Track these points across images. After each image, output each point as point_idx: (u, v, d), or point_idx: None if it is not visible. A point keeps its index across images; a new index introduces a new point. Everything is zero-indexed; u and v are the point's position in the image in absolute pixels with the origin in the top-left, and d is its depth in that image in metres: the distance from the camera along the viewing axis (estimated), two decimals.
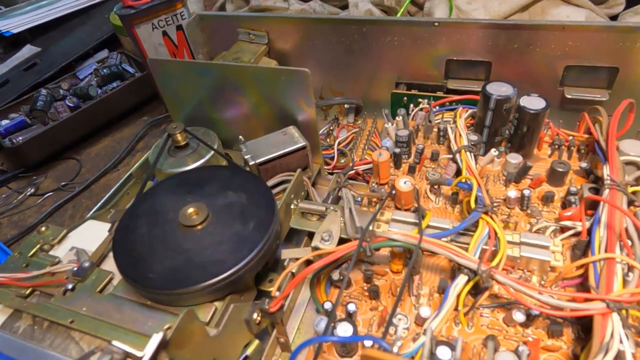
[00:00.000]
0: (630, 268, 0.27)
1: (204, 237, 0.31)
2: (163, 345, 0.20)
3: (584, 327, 0.27)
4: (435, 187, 0.38)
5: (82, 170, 0.59)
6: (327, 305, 0.29)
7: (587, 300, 0.24)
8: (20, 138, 0.56)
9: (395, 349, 0.23)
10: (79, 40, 0.72)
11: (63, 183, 0.56)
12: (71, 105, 0.60)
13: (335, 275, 0.32)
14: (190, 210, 0.32)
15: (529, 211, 0.35)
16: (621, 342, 0.23)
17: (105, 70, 0.63)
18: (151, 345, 0.19)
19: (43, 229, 0.36)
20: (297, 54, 0.53)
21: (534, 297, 0.25)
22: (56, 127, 0.57)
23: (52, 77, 0.66)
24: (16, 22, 0.74)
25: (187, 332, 0.22)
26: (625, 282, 0.26)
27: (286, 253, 0.35)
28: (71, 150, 0.61)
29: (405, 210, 0.36)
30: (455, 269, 0.30)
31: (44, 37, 0.74)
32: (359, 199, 0.39)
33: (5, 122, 0.58)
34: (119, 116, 0.64)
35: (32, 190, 0.56)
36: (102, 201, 0.42)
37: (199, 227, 0.32)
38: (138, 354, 0.19)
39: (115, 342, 0.19)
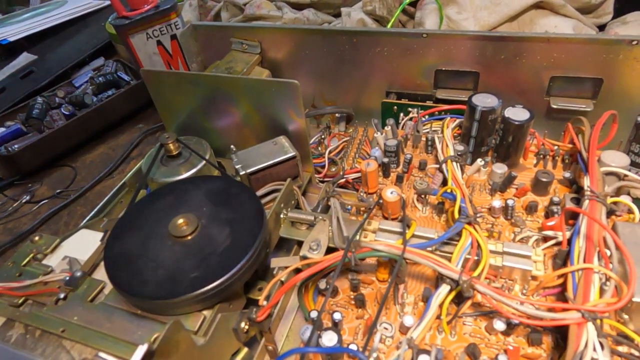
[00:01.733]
0: (608, 278, 0.27)
1: (193, 247, 0.31)
2: (149, 356, 0.20)
3: (562, 335, 0.28)
4: (422, 196, 0.38)
5: (78, 178, 0.59)
6: (313, 314, 0.30)
7: (564, 310, 0.25)
8: (15, 146, 0.57)
9: None
10: (75, 48, 0.73)
11: (58, 190, 0.57)
12: (67, 113, 0.60)
13: (322, 284, 0.32)
14: (180, 221, 0.32)
15: (513, 220, 0.36)
16: (595, 350, 0.24)
17: (100, 79, 0.64)
18: (136, 356, 0.19)
19: (37, 238, 0.37)
20: (290, 64, 0.54)
21: (513, 306, 0.26)
22: (52, 135, 0.58)
23: (48, 85, 0.67)
24: (13, 30, 0.74)
25: (173, 342, 0.23)
26: (602, 292, 0.27)
27: (275, 262, 0.36)
28: (67, 157, 0.62)
29: (393, 219, 0.37)
30: (439, 278, 0.30)
31: (41, 44, 0.75)
32: (349, 207, 0.40)
33: (1, 130, 0.59)
34: (114, 124, 0.65)
35: (28, 197, 0.56)
36: (95, 210, 0.43)
37: (189, 237, 0.32)
38: (126, 358, 0.19)
39: (101, 354, 0.20)
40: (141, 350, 0.20)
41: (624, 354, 0.26)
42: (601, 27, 0.61)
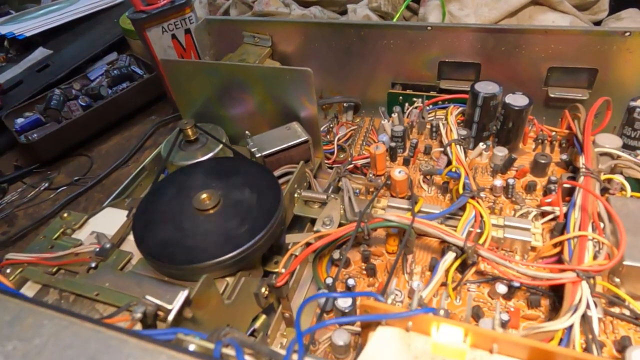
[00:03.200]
0: (601, 245, 0.30)
1: (216, 219, 0.34)
2: (187, 303, 0.23)
3: (559, 298, 0.30)
4: (428, 177, 0.41)
5: (94, 167, 0.62)
6: (329, 280, 0.32)
7: (560, 270, 0.27)
8: (35, 135, 0.59)
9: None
10: (89, 43, 0.75)
11: (76, 178, 0.59)
12: (83, 104, 0.63)
13: (336, 255, 0.35)
14: (204, 195, 0.35)
15: (513, 199, 0.38)
16: (589, 307, 0.26)
17: (115, 72, 0.66)
18: (179, 299, 0.22)
19: (65, 214, 0.39)
20: (299, 56, 0.56)
21: (514, 268, 0.28)
22: (69, 125, 0.60)
23: (64, 78, 0.69)
24: (29, 26, 0.77)
25: (205, 295, 0.25)
26: (595, 257, 0.29)
27: (290, 237, 0.38)
28: (83, 147, 0.64)
29: (400, 198, 0.39)
30: (445, 249, 0.33)
31: (55, 40, 0.77)
32: (357, 191, 0.42)
33: (20, 120, 0.61)
34: (128, 115, 0.67)
35: (46, 184, 0.59)
36: (117, 192, 0.45)
37: (211, 210, 0.35)
38: (168, 306, 0.22)
39: (148, 297, 0.22)
40: (183, 294, 0.22)
41: (616, 314, 0.29)
42: (597, 24, 0.63)
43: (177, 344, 0.18)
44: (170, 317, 0.21)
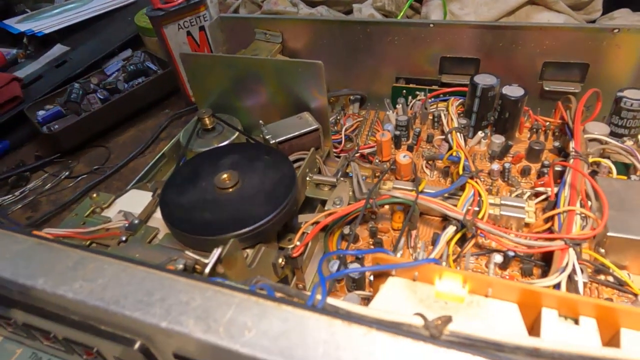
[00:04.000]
0: (588, 219, 0.33)
1: (236, 197, 0.37)
2: (219, 260, 0.26)
3: (550, 267, 0.33)
4: (430, 162, 0.44)
5: (111, 157, 0.65)
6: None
7: (550, 239, 0.31)
8: (56, 126, 0.62)
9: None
10: (104, 41, 0.78)
11: (95, 167, 0.62)
12: (102, 97, 0.66)
13: (346, 230, 0.38)
14: (225, 176, 0.38)
15: (509, 182, 0.41)
16: (575, 272, 0.29)
17: (131, 67, 0.69)
18: (214, 255, 0.25)
19: (94, 195, 0.42)
20: (308, 52, 0.59)
21: (508, 238, 0.31)
22: (89, 117, 0.63)
23: (81, 73, 0.72)
24: (47, 24, 0.80)
25: (233, 257, 0.28)
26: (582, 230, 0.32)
27: (302, 217, 0.41)
28: (101, 138, 0.67)
29: (405, 181, 0.42)
30: (446, 225, 0.36)
31: (72, 37, 0.81)
32: (364, 177, 0.45)
33: (42, 112, 0.64)
34: (143, 108, 0.70)
35: (67, 173, 0.62)
36: (138, 177, 0.48)
37: (231, 189, 0.38)
38: (205, 260, 0.25)
39: (187, 252, 0.25)
40: (217, 251, 0.25)
41: (601, 280, 0.32)
42: (591, 23, 0.66)
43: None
44: (207, 270, 0.24)
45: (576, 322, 0.21)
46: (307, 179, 0.43)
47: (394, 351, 0.16)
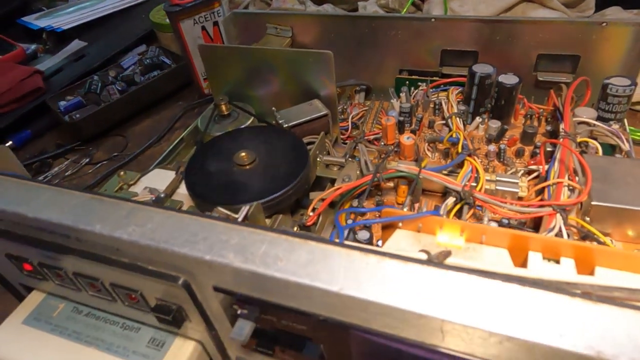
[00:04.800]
0: (574, 191, 0.36)
1: (254, 173, 0.40)
2: (246, 217, 0.29)
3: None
4: (432, 144, 0.47)
5: (129, 145, 0.68)
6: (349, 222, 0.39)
7: (540, 206, 0.34)
8: (78, 115, 0.66)
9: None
10: (120, 36, 0.82)
11: (114, 154, 0.66)
12: (120, 89, 0.69)
13: (355, 203, 0.41)
14: (243, 154, 0.41)
15: (504, 162, 0.45)
16: (561, 235, 0.33)
17: (147, 61, 0.73)
18: (243, 211, 0.28)
19: (122, 173, 0.45)
20: (316, 46, 0.63)
21: (502, 206, 0.35)
22: (108, 107, 0.67)
23: (99, 67, 0.76)
24: (65, 20, 0.84)
25: (256, 218, 0.32)
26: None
27: (313, 195, 0.44)
28: (118, 128, 0.71)
29: (408, 161, 0.45)
30: (446, 194, 0.39)
31: (89, 33, 0.84)
32: (370, 159, 0.48)
33: (63, 102, 0.68)
34: (158, 100, 0.74)
35: (88, 159, 0.65)
36: (160, 158, 0.52)
37: (248, 166, 0.41)
38: (235, 215, 0.28)
39: (219, 207, 0.28)
40: (245, 208, 0.29)
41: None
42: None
43: None
44: (239, 220, 0.28)
45: (557, 262, 0.24)
46: (318, 159, 0.47)
47: (403, 273, 0.20)
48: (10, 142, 0.68)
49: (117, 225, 0.24)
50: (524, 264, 0.24)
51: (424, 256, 0.22)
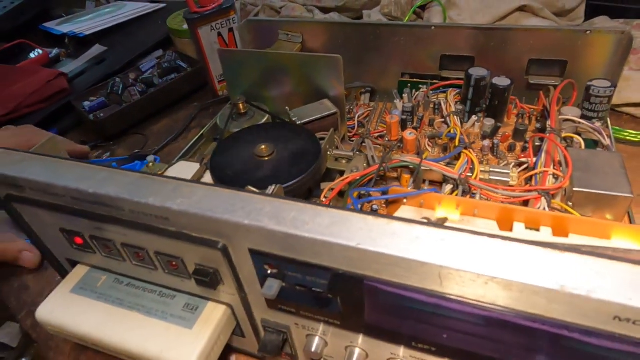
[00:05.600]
0: (558, 178, 0.41)
1: (273, 163, 0.45)
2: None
3: None
4: (432, 141, 0.52)
5: (148, 143, 0.73)
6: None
7: (528, 190, 0.39)
8: (102, 114, 0.70)
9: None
10: (138, 41, 0.87)
11: (135, 151, 0.70)
12: (140, 90, 0.74)
13: (363, 192, 0.46)
14: (263, 146, 0.46)
15: (497, 156, 0.49)
16: None
17: (165, 65, 0.78)
18: (269, 190, 0.33)
19: (150, 164, 0.50)
20: (325, 51, 0.67)
21: (494, 191, 0.39)
22: (130, 107, 0.71)
23: (119, 70, 0.81)
24: (86, 26, 0.89)
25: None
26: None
27: (324, 185, 0.49)
28: (138, 127, 0.75)
29: (411, 154, 0.50)
30: (444, 182, 0.44)
31: (108, 39, 0.89)
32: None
33: (87, 103, 0.73)
34: (175, 101, 0.78)
35: (109, 155, 0.70)
36: (181, 153, 0.56)
37: (267, 158, 0.46)
38: (264, 191, 0.33)
39: (249, 187, 0.33)
40: (272, 187, 0.33)
41: None
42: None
43: None
44: None
45: (538, 230, 0.28)
46: (328, 153, 0.51)
47: (408, 231, 0.24)
48: None
49: (167, 198, 0.29)
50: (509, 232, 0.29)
51: (425, 221, 0.26)
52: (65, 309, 0.37)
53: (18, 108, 0.71)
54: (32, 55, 0.89)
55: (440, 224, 0.26)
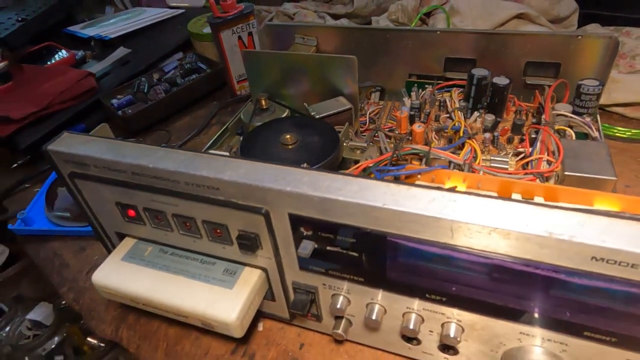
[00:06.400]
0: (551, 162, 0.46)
1: (296, 151, 0.50)
2: None
3: None
4: (438, 134, 0.57)
5: (172, 138, 0.78)
6: None
7: (525, 173, 0.44)
8: (129, 111, 0.76)
9: None
10: (160, 44, 0.93)
11: (162, 144, 0.75)
12: (164, 89, 0.80)
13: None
14: (288, 136, 0.51)
15: (497, 147, 0.54)
16: None
17: (187, 66, 0.83)
18: (302, 166, 0.38)
19: None
20: (337, 53, 0.72)
21: (494, 174, 0.44)
22: (155, 104, 0.77)
23: (143, 70, 0.86)
24: (111, 30, 0.95)
25: None
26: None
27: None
28: (162, 123, 0.81)
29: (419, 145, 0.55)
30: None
31: (132, 41, 0.95)
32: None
33: (114, 100, 0.78)
34: (196, 100, 0.84)
35: None
36: (208, 144, 0.62)
37: (290, 147, 0.51)
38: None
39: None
40: (305, 164, 0.38)
41: None
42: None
43: None
44: None
45: (532, 199, 0.33)
46: (344, 144, 0.57)
47: (425, 193, 0.29)
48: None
49: (218, 171, 0.34)
50: None
51: (438, 187, 0.31)
52: (118, 274, 0.42)
53: (51, 105, 0.77)
54: (57, 57, 0.95)
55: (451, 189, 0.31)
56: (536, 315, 0.30)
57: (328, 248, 0.34)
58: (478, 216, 0.27)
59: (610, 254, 0.25)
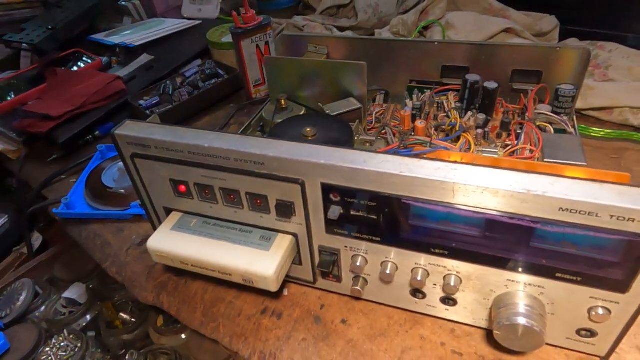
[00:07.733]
0: (533, 151, 0.55)
1: (316, 142, 0.58)
2: None
3: None
4: (437, 130, 0.66)
5: None
6: None
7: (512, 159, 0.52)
8: (157, 110, 0.83)
9: None
10: (180, 52, 1.01)
11: None
12: (188, 91, 0.88)
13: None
14: (308, 129, 0.59)
15: (488, 141, 0.63)
16: None
17: (208, 71, 0.92)
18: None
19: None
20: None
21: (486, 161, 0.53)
22: (180, 105, 0.85)
23: (166, 75, 0.94)
24: (134, 38, 1.03)
25: None
26: None
27: None
28: (183, 123, 0.88)
29: None
30: None
31: (154, 49, 1.03)
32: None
33: (142, 101, 0.86)
34: (214, 103, 0.92)
35: None
36: None
37: (310, 138, 0.59)
38: None
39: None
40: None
41: None
42: None
43: None
44: None
45: None
46: (355, 138, 0.65)
47: (432, 164, 0.38)
48: (97, 132, 0.86)
49: (264, 149, 0.42)
50: None
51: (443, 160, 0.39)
52: (169, 241, 0.49)
53: (84, 104, 0.84)
54: (81, 63, 1.03)
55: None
56: (519, 261, 0.38)
57: (352, 213, 0.42)
58: (474, 179, 0.36)
59: (573, 205, 0.33)
